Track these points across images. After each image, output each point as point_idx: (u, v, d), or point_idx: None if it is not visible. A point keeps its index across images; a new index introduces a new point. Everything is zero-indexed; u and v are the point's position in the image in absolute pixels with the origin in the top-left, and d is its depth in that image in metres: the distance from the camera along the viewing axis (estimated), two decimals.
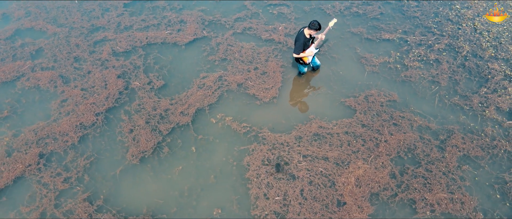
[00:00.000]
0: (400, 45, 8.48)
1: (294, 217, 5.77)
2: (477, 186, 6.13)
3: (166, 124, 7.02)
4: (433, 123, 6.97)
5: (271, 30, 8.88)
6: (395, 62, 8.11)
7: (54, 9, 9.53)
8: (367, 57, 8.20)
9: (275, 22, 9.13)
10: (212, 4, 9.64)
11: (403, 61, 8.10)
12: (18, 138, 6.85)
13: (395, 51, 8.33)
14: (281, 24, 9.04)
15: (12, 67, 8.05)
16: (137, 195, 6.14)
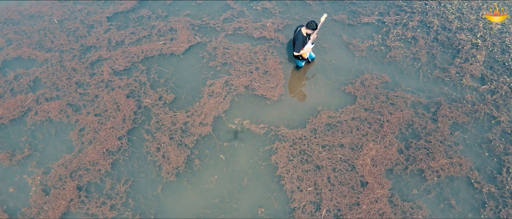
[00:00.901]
0: (379, 27, 9.33)
1: (327, 203, 6.63)
2: (469, 148, 7.30)
3: (189, 136, 7.48)
4: (423, 98, 8.00)
5: (260, 27, 9.36)
6: (379, 44, 8.98)
7: (35, 33, 9.31)
8: (354, 43, 8.99)
9: (261, 18, 9.59)
10: (195, 7, 9.87)
11: (385, 43, 8.99)
12: (49, 175, 7.03)
13: (377, 34, 9.19)
14: (268, 20, 9.54)
15: (15, 102, 7.99)
16: (183, 209, 6.68)
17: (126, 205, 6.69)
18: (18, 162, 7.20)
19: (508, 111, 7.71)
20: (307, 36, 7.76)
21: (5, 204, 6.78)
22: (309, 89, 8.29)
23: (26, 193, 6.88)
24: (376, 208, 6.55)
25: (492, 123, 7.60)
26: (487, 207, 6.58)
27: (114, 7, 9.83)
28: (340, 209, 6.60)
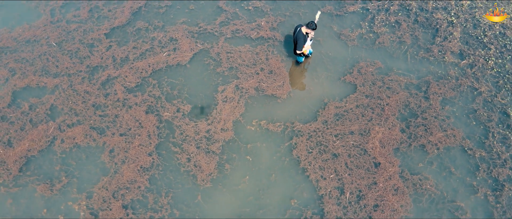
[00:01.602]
0: (364, 15, 10.14)
1: (349, 186, 7.60)
2: (458, 119, 8.44)
3: (214, 143, 8.13)
4: (414, 79, 9.00)
5: (256, 27, 9.92)
6: (367, 32, 9.82)
7: (36, 59, 9.40)
8: (344, 33, 9.78)
9: (255, 18, 10.12)
10: (189, 13, 10.21)
11: (373, 29, 9.84)
12: (93, 198, 7.52)
13: (363, 21, 10.01)
14: (262, 19, 10.09)
15: (38, 133, 8.26)
16: (224, 211, 7.44)
17: (173, 216, 7.35)
18: (59, 191, 7.61)
19: (486, 82, 8.87)
20: (306, 34, 8.44)
21: None
22: (312, 83, 9.06)
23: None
24: (391, 185, 7.59)
25: (474, 94, 8.74)
26: (481, 169, 7.78)
27: (109, 23, 10.00)
28: (361, 190, 7.59)
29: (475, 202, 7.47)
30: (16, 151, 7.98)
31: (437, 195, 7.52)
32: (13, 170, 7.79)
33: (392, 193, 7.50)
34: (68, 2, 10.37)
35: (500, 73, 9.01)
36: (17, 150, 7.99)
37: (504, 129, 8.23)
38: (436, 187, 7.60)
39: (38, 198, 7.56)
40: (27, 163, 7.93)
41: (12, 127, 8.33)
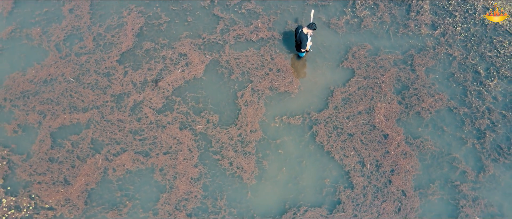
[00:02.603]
0: (346, 1, 11.38)
1: (368, 158, 9.22)
2: (441, 84, 10.15)
3: (248, 145, 9.39)
4: (399, 54, 10.54)
5: (254, 29, 10.91)
6: (352, 17, 11.12)
7: (61, 98, 9.97)
8: (333, 21, 11.03)
9: (251, 20, 11.08)
10: (189, 26, 10.96)
11: (356, 14, 11.14)
12: (159, 214, 8.68)
13: (346, 8, 11.26)
14: (257, 20, 11.08)
15: (89, 167, 9.12)
16: (273, 201, 8.87)
17: (232, 215, 8.69)
18: (127, 214, 8.67)
19: (458, 47, 10.58)
20: (307, 33, 9.64)
21: None
22: (316, 73, 10.37)
23: None
24: (400, 151, 9.29)
25: (450, 59, 10.45)
26: (466, 124, 9.63)
27: (117, 49, 10.60)
28: (378, 160, 9.24)
29: (466, 151, 9.36)
30: (75, 187, 8.85)
31: (437, 152, 9.33)
32: (80, 204, 8.70)
33: (402, 157, 9.21)
34: (69, 34, 10.76)
35: (467, 37, 10.73)
36: (76, 186, 8.86)
37: (478, 86, 10.06)
38: (435, 145, 9.39)
39: None
40: (89, 196, 8.85)
41: (63, 166, 9.10)
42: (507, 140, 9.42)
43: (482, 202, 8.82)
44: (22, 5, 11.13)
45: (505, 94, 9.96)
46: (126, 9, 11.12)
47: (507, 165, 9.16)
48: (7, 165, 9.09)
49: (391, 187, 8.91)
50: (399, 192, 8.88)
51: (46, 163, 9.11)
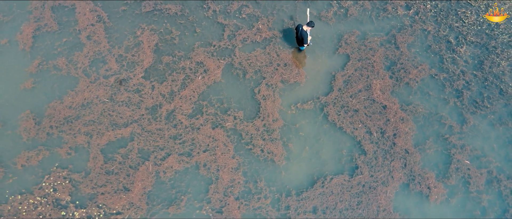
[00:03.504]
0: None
1: (374, 128, 11.12)
2: (421, 56, 12.11)
3: (273, 132, 11.06)
4: (383, 36, 12.39)
5: (257, 31, 12.45)
6: (338, 8, 12.82)
7: (101, 117, 11.21)
8: (323, 14, 12.70)
9: (253, 23, 12.58)
10: (199, 37, 12.30)
11: (342, 5, 12.85)
12: (212, 202, 10.27)
13: (332, 1, 12.94)
14: (258, 23, 12.59)
15: (142, 174, 10.54)
16: (304, 175, 10.63)
17: (272, 192, 10.42)
18: (185, 206, 10.22)
19: (430, 22, 12.54)
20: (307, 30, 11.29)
21: None
22: (317, 62, 12.07)
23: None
24: (398, 117, 11.24)
25: (426, 34, 12.41)
26: (446, 86, 11.67)
27: (140, 66, 11.88)
28: (381, 127, 11.16)
29: (450, 109, 11.42)
30: (135, 192, 10.28)
31: (427, 113, 11.34)
32: (142, 205, 10.17)
33: (401, 122, 11.17)
34: (93, 59, 11.91)
35: (436, 12, 12.70)
36: (135, 191, 10.30)
37: (451, 53, 12.09)
38: (424, 108, 11.39)
39: (174, 216, 10.13)
40: (149, 197, 10.31)
41: (119, 176, 10.49)
42: (481, 95, 11.54)
43: (468, 148, 10.94)
44: (41, 38, 12.12)
45: (473, 57, 12.05)
46: (138, 29, 12.33)
47: (483, 115, 11.30)
48: (70, 183, 10.37)
49: (396, 148, 10.87)
50: (403, 151, 10.87)
51: (104, 176, 10.46)
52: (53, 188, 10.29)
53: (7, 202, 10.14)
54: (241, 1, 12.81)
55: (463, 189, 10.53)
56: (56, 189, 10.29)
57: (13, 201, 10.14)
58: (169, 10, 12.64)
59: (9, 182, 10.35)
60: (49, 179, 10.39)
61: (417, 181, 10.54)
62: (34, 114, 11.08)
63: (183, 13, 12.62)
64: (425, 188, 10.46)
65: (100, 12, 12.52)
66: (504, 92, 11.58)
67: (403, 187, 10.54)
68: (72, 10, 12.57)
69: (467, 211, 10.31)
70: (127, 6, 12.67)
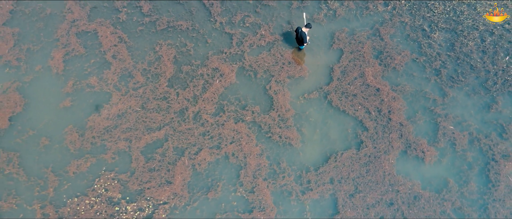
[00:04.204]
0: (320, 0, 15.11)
1: (371, 108, 13.12)
2: (403, 44, 14.26)
3: (287, 121, 12.89)
4: (369, 30, 14.48)
5: (261, 37, 14.34)
6: (328, 10, 14.87)
7: (137, 124, 12.80)
8: (315, 17, 14.71)
9: (256, 30, 14.47)
10: (211, 46, 14.10)
11: (330, 7, 14.89)
12: (244, 185, 12.00)
13: (321, 4, 14.97)
14: (260, 29, 14.49)
15: (180, 167, 12.13)
16: (319, 153, 12.49)
17: (295, 171, 12.21)
18: (221, 191, 11.89)
19: (406, 14, 14.73)
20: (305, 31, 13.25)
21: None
22: (316, 58, 14.03)
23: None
24: (390, 97, 13.28)
25: (404, 25, 14.58)
26: (426, 67, 13.81)
27: (164, 77, 13.55)
28: (377, 107, 13.17)
29: (431, 86, 13.55)
30: (176, 184, 11.90)
31: (414, 91, 13.43)
32: (185, 194, 11.80)
33: (394, 101, 13.21)
34: (121, 75, 13.51)
35: (410, 6, 14.91)
36: (177, 183, 11.92)
37: (427, 39, 14.28)
38: (411, 87, 13.49)
39: (214, 200, 11.79)
40: (189, 187, 11.93)
41: (161, 172, 12.09)
42: (455, 71, 13.73)
43: (451, 116, 13.06)
44: (71, 61, 13.65)
45: (445, 41, 14.27)
46: (156, 45, 14.03)
47: (460, 88, 13.47)
48: (118, 183, 11.90)
49: (391, 122, 12.89)
50: (398, 124, 12.90)
51: (147, 173, 12.04)
52: (104, 189, 11.79)
53: (66, 205, 11.58)
54: (243, 12, 14.67)
55: (451, 149, 12.60)
56: (107, 189, 11.79)
57: (71, 203, 11.58)
58: (181, 26, 14.37)
59: (65, 188, 11.79)
60: (100, 181, 11.89)
61: (413, 148, 12.55)
62: (76, 128, 12.56)
63: (193, 27, 14.39)
64: (420, 152, 12.48)
65: (120, 34, 14.14)
66: (474, 67, 13.81)
67: (402, 154, 12.53)
68: (95, 34, 14.13)
69: (456, 167, 12.37)
70: (143, 26, 14.33)
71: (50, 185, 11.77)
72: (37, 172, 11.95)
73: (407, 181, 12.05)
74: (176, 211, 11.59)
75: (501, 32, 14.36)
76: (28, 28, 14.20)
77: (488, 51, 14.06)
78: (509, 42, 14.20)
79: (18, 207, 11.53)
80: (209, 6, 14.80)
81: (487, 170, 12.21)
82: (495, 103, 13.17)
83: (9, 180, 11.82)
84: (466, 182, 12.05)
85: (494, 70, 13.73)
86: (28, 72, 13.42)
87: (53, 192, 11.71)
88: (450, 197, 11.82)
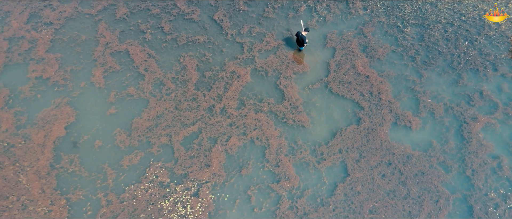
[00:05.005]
0: (310, 9, 18.21)
1: (365, 91, 16.12)
2: (383, 39, 17.43)
3: (297, 107, 15.69)
4: (354, 31, 17.63)
5: (267, 43, 17.26)
6: (318, 17, 17.98)
7: (173, 121, 15.34)
8: (309, 23, 17.77)
9: (262, 38, 17.39)
10: (227, 54, 16.89)
11: (320, 14, 18.03)
12: (270, 162, 14.65)
13: (313, 13, 18.08)
14: (265, 37, 17.41)
15: (215, 153, 14.71)
16: (326, 131, 15.29)
17: (309, 146, 14.95)
18: (252, 168, 14.47)
19: (382, 15, 17.98)
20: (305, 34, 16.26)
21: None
22: (314, 56, 17.01)
23: None
24: (378, 81, 16.32)
25: (382, 24, 17.81)
26: (404, 55, 16.99)
27: (190, 82, 16.20)
28: (369, 90, 16.16)
29: (410, 70, 16.68)
30: (214, 166, 14.41)
31: (396, 75, 16.52)
32: (222, 173, 14.29)
33: (381, 84, 16.24)
34: (154, 84, 16.10)
35: (385, 8, 18.21)
36: (214, 165, 14.43)
37: (402, 34, 17.52)
38: (394, 72, 16.58)
39: (247, 176, 14.34)
40: (224, 167, 14.44)
41: (199, 158, 14.60)
42: (427, 57, 16.94)
43: (428, 91, 16.16)
44: (110, 76, 16.16)
45: (416, 33, 17.54)
46: (181, 57, 16.72)
47: (432, 69, 16.65)
48: (166, 170, 14.33)
49: (382, 101, 15.89)
50: (387, 102, 15.90)
51: (189, 160, 14.54)
52: (155, 176, 14.20)
53: (124, 191, 13.90)
54: (249, 24, 17.61)
55: (431, 118, 15.64)
56: (157, 176, 14.20)
57: (129, 190, 13.92)
58: (198, 40, 17.15)
59: (121, 178, 14.13)
60: (150, 170, 14.29)
61: (401, 119, 15.53)
62: (123, 130, 15.00)
63: (209, 40, 17.19)
64: (407, 122, 15.46)
65: (148, 50, 16.80)
66: (442, 52, 17.06)
67: (393, 125, 15.47)
68: (127, 53, 16.74)
69: (437, 131, 15.36)
70: (166, 42, 17.05)
71: (109, 177, 14.08)
72: (96, 168, 14.25)
73: (400, 145, 14.95)
74: (217, 187, 14.07)
75: (459, 23, 17.78)
76: (69, 52, 16.68)
77: (451, 38, 17.39)
78: (466, 30, 17.59)
79: (85, 197, 13.76)
80: (220, 22, 17.66)
81: (461, 130, 15.26)
82: (461, 79, 16.37)
83: (74, 177, 14.07)
84: (446, 141, 15.04)
85: (457, 53, 17.01)
86: (75, 88, 15.83)
87: (112, 183, 14.01)
88: (435, 154, 14.76)
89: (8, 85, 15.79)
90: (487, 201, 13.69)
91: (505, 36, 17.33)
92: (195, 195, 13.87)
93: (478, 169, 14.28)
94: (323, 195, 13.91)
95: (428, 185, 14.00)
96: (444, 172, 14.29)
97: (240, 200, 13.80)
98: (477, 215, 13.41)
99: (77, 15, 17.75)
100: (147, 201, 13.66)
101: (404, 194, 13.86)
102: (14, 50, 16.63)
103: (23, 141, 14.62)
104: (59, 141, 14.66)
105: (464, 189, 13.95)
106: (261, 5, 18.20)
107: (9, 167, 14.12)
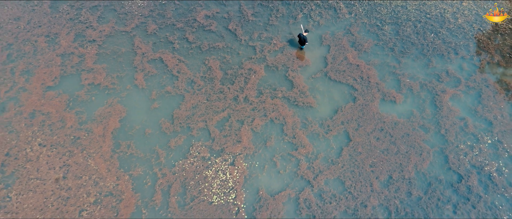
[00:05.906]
0: (307, 16, 22.39)
1: (358, 77, 20.19)
2: (368, 35, 21.65)
3: (305, 92, 19.56)
4: (342, 30, 21.82)
5: (275, 44, 21.24)
6: (313, 22, 22.15)
7: (207, 110, 18.99)
8: (307, 27, 21.90)
9: (270, 41, 21.38)
10: (242, 55, 20.78)
11: (314, 19, 22.21)
12: (288, 136, 18.43)
13: (307, 19, 22.26)
14: (273, 40, 21.42)
15: (243, 132, 18.41)
16: (330, 109, 19.20)
17: (317, 121, 18.81)
18: (274, 142, 18.18)
19: (364, 17, 22.28)
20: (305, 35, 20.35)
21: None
22: (314, 53, 21.05)
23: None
24: (367, 69, 20.42)
25: (365, 25, 22.09)
26: (385, 47, 21.24)
27: (216, 79, 19.94)
28: (360, 75, 20.23)
29: (390, 58, 20.84)
30: (244, 142, 17.98)
31: (381, 63, 20.66)
32: (251, 147, 17.92)
33: (369, 71, 20.34)
34: (186, 82, 19.77)
35: (366, 11, 22.52)
36: (244, 141, 18.03)
37: (382, 31, 21.80)
38: (378, 61, 20.72)
39: (271, 147, 18.01)
40: (252, 142, 18.07)
41: (232, 136, 18.18)
42: (403, 47, 21.20)
43: (406, 73, 20.29)
44: (150, 79, 19.77)
45: (393, 30, 21.86)
46: (206, 60, 20.52)
47: (408, 56, 20.89)
48: (206, 147, 17.88)
49: (371, 83, 19.95)
50: (375, 83, 19.97)
51: (223, 138, 18.14)
52: (197, 152, 17.74)
53: (175, 166, 17.37)
54: (258, 31, 21.62)
55: (410, 93, 19.75)
56: (200, 152, 17.75)
57: (178, 164, 17.39)
58: (218, 45, 21.02)
59: (171, 156, 17.61)
60: (193, 148, 17.83)
61: (387, 96, 19.59)
62: (167, 119, 18.57)
63: (227, 45, 21.07)
64: (392, 97, 19.52)
65: (178, 56, 20.55)
66: (414, 43, 21.37)
67: (381, 100, 19.50)
68: (160, 59, 20.44)
69: (416, 103, 19.43)
70: (192, 50, 20.84)
71: (161, 156, 17.54)
72: (149, 150, 17.70)
73: (388, 115, 18.96)
74: (248, 157, 17.69)
75: (426, 20, 22.24)
76: (113, 63, 20.25)
77: (420, 32, 21.78)
78: (431, 25, 22.04)
79: (143, 172, 17.15)
80: (234, 30, 21.60)
81: (434, 101, 19.40)
82: (431, 62, 20.65)
83: (132, 158, 17.47)
84: (423, 110, 19.13)
85: (426, 43, 21.36)
86: (122, 90, 19.35)
87: (164, 160, 17.46)
88: (416, 119, 18.81)
89: (66, 92, 19.18)
90: (458, 151, 17.71)
91: (462, 28, 21.83)
92: (232, 164, 17.43)
93: (450, 128, 18.35)
94: (333, 157, 17.68)
95: (412, 143, 17.96)
96: (424, 133, 18.30)
97: (268, 166, 17.42)
98: (451, 162, 17.41)
99: (115, 33, 21.40)
100: (194, 172, 17.14)
101: (395, 151, 17.76)
102: (67, 64, 20.09)
103: (86, 134, 17.98)
104: (116, 132, 18.07)
105: (440, 144, 17.95)
106: (265, 16, 22.24)
107: (78, 154, 17.42)
